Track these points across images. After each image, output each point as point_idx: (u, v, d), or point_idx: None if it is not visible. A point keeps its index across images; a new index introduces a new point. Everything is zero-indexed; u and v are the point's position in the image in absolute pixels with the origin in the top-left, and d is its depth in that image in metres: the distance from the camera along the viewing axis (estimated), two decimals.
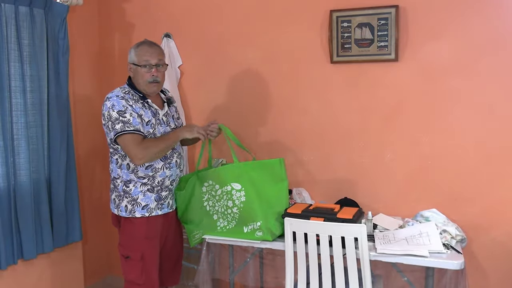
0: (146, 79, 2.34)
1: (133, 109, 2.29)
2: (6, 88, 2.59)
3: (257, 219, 2.36)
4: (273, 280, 2.92)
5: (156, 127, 2.36)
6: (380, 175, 2.77)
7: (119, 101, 2.27)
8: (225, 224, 2.47)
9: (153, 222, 2.41)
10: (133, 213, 2.38)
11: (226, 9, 3.03)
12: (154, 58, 2.35)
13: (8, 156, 2.61)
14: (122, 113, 2.26)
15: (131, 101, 2.31)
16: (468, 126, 2.57)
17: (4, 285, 2.67)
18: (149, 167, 2.36)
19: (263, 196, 2.39)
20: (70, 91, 3.01)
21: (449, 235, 2.31)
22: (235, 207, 2.41)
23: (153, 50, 2.37)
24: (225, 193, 2.43)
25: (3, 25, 2.56)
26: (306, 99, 2.89)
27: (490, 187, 2.55)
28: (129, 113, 2.27)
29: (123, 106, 2.27)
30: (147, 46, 2.38)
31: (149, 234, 2.40)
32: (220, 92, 3.10)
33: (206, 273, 2.57)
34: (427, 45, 2.60)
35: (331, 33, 2.74)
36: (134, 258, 2.38)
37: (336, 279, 2.18)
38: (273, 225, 2.38)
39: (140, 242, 2.39)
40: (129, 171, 2.36)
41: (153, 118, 2.36)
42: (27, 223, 2.71)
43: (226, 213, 2.45)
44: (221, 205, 2.46)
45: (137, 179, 2.36)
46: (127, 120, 2.26)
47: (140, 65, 2.33)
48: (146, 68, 2.33)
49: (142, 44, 2.40)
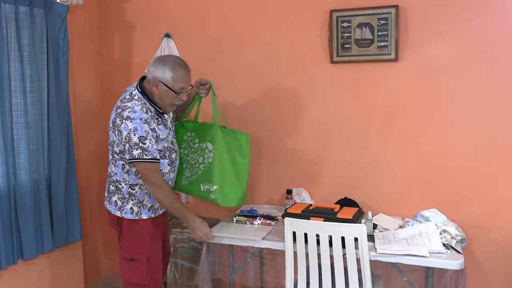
0: (174, 102, 2.32)
1: (153, 132, 2.24)
2: (6, 88, 2.59)
3: (214, 182, 2.46)
4: (273, 280, 2.92)
5: (170, 137, 2.40)
6: (380, 175, 2.77)
7: (142, 126, 2.19)
8: (188, 175, 2.58)
9: (158, 223, 2.45)
10: (139, 215, 2.36)
11: (226, 9, 3.03)
12: (188, 84, 2.33)
13: (8, 156, 2.61)
14: (143, 139, 2.19)
15: (151, 121, 2.25)
16: (468, 126, 2.57)
17: (4, 285, 2.67)
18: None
19: (227, 164, 2.50)
20: (70, 91, 3.01)
21: (449, 235, 2.31)
22: (202, 164, 2.53)
23: (189, 77, 2.33)
24: (200, 149, 2.56)
25: (3, 25, 2.56)
26: (306, 99, 2.89)
27: (490, 187, 2.55)
28: (149, 140, 2.20)
29: (145, 132, 2.20)
30: (185, 73, 2.30)
31: (155, 235, 2.41)
32: (220, 92, 3.09)
33: (206, 273, 2.57)
34: (427, 45, 2.60)
35: (331, 33, 2.74)
36: (140, 260, 2.35)
37: (336, 279, 2.18)
38: (229, 193, 2.48)
39: (146, 243, 2.37)
40: (137, 176, 2.33)
41: (166, 130, 2.36)
42: (27, 223, 2.71)
43: (193, 167, 2.56)
44: (193, 157, 2.58)
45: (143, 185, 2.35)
46: (146, 147, 2.20)
47: (175, 91, 2.28)
48: (180, 95, 2.31)
49: (179, 68, 2.28)
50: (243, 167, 2.57)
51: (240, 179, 2.54)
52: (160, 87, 2.28)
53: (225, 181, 2.47)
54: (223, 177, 2.47)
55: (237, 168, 2.53)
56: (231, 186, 2.49)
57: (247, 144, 2.62)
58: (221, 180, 2.47)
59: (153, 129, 2.25)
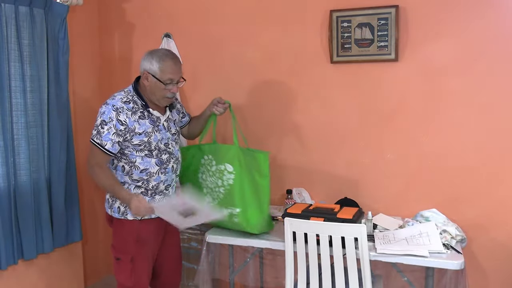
0: (164, 95, 2.31)
1: (120, 123, 2.23)
2: (6, 88, 2.59)
3: (237, 205, 2.39)
4: (273, 280, 2.92)
5: (153, 134, 2.32)
6: (380, 175, 2.77)
7: (110, 112, 2.24)
8: (210, 200, 2.51)
9: (145, 226, 2.37)
10: (125, 215, 2.34)
11: (226, 9, 3.03)
12: (177, 75, 2.31)
13: (8, 156, 2.61)
14: (104, 124, 2.24)
15: (127, 112, 2.26)
16: (468, 126, 2.57)
17: (4, 285, 2.67)
18: (144, 171, 2.32)
19: (249, 186, 2.41)
20: (70, 91, 3.01)
21: (449, 235, 2.31)
22: (222, 187, 2.45)
23: (177, 68, 2.32)
24: (219, 171, 2.46)
25: (3, 25, 2.56)
26: (306, 99, 2.89)
27: (490, 187, 2.55)
28: (108, 127, 2.23)
29: (109, 118, 2.23)
30: (172, 63, 2.30)
31: (140, 238, 2.36)
32: (220, 92, 3.08)
33: (206, 273, 2.58)
34: (427, 45, 2.60)
35: (331, 33, 2.74)
36: (124, 260, 2.36)
37: (336, 279, 2.18)
38: (252, 216, 2.40)
39: (131, 245, 2.35)
40: (124, 173, 2.33)
41: (151, 126, 2.31)
42: (27, 223, 2.71)
43: (214, 190, 2.49)
44: (212, 181, 2.50)
45: (131, 181, 2.33)
46: (102, 132, 2.23)
47: (163, 82, 2.28)
48: (169, 86, 2.29)
49: (166, 58, 2.29)
50: (263, 187, 2.46)
51: (261, 201, 2.44)
52: (150, 79, 2.29)
53: (247, 203, 2.39)
54: (244, 199, 2.39)
55: (257, 189, 2.44)
56: (253, 209, 2.39)
57: (265, 163, 2.49)
58: (243, 202, 2.39)
59: (122, 120, 2.24)
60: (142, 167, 2.31)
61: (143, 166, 2.31)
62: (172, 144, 2.42)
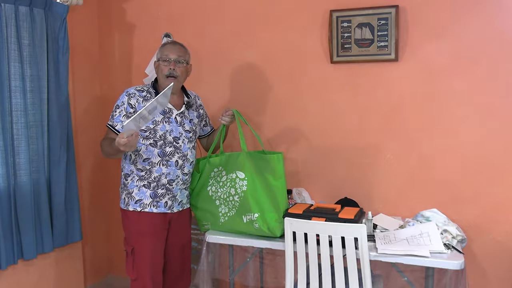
0: (164, 73, 2.42)
1: (130, 106, 2.38)
2: (6, 88, 2.59)
3: (254, 210, 2.37)
4: (273, 280, 2.92)
5: (161, 124, 2.40)
6: (380, 175, 2.77)
7: (123, 97, 2.42)
8: (226, 210, 2.48)
9: (145, 219, 2.42)
10: (127, 206, 2.43)
11: (226, 9, 3.03)
12: (174, 53, 2.43)
13: (8, 156, 2.61)
14: (117, 107, 2.41)
15: (139, 98, 2.41)
16: (468, 126, 2.57)
17: (4, 285, 2.67)
18: (146, 160, 2.39)
19: (263, 189, 2.39)
20: (70, 91, 3.01)
21: (450, 235, 2.31)
22: (237, 195, 2.42)
23: (175, 47, 2.46)
24: (230, 180, 2.45)
25: (3, 25, 2.56)
26: (306, 99, 2.89)
27: (490, 187, 2.55)
28: (120, 110, 2.39)
29: (122, 102, 2.40)
30: (171, 44, 2.50)
31: (140, 230, 2.41)
32: (220, 92, 3.10)
33: (206, 273, 2.57)
34: (427, 45, 2.60)
35: (331, 33, 2.74)
36: (128, 252, 2.44)
37: (336, 279, 2.18)
38: (271, 219, 2.37)
39: (132, 236, 2.43)
40: (130, 162, 2.43)
41: (160, 115, 2.41)
42: (27, 223, 2.71)
43: (227, 200, 2.47)
44: (224, 191, 2.48)
45: (136, 170, 2.41)
46: (114, 114, 2.40)
47: (160, 60, 2.43)
48: (166, 62, 2.41)
49: (167, 42, 2.55)
50: (279, 189, 2.45)
51: (278, 203, 2.42)
52: (156, 65, 2.48)
53: (263, 207, 2.37)
54: (260, 204, 2.37)
55: (272, 191, 2.43)
56: (270, 212, 2.37)
57: (280, 164, 2.49)
58: (259, 207, 2.37)
59: (132, 104, 2.39)
60: (145, 156, 2.39)
61: (146, 155, 2.39)
62: (183, 140, 2.46)
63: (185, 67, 2.47)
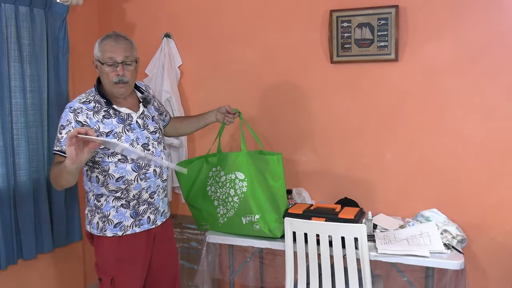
0: (111, 79, 2.02)
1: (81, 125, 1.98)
2: (6, 88, 2.59)
3: (255, 211, 2.35)
4: (273, 280, 2.92)
5: (124, 134, 2.05)
6: (380, 175, 2.77)
7: (67, 114, 1.99)
8: (224, 212, 2.46)
9: (127, 242, 2.10)
10: (104, 231, 2.08)
11: (226, 9, 3.03)
12: (119, 54, 2.01)
13: (8, 156, 2.61)
14: (61, 128, 1.98)
15: (88, 111, 2.01)
16: (468, 126, 2.57)
17: (4, 285, 2.67)
18: (120, 179, 2.04)
19: (263, 190, 2.37)
20: (70, 91, 3.01)
21: (450, 235, 2.31)
22: (236, 196, 2.39)
23: (119, 46, 2.02)
24: (229, 180, 2.41)
25: (3, 25, 2.56)
26: (306, 99, 2.89)
27: (490, 187, 2.55)
28: (66, 131, 1.97)
29: (67, 121, 1.98)
30: (113, 41, 2.03)
31: (121, 256, 2.09)
32: (220, 92, 3.10)
33: (206, 273, 2.57)
34: (427, 45, 2.60)
35: (331, 33, 2.74)
36: (104, 282, 2.09)
37: (336, 279, 2.18)
38: (271, 220, 2.36)
39: (111, 264, 2.09)
40: (99, 184, 2.06)
41: (120, 125, 2.05)
42: (27, 223, 2.71)
43: (226, 201, 2.44)
44: (223, 192, 2.45)
45: (108, 192, 2.07)
46: (60, 137, 1.98)
47: (104, 63, 2.02)
48: (111, 67, 2.01)
49: (107, 37, 2.05)
50: (278, 190, 2.42)
51: (278, 204, 2.40)
52: (98, 67, 2.06)
53: (263, 208, 2.35)
54: (261, 205, 2.35)
55: (272, 192, 2.40)
56: (271, 213, 2.35)
57: (278, 165, 2.45)
58: (260, 208, 2.34)
59: (82, 121, 1.98)
60: (117, 175, 2.03)
61: (118, 174, 2.03)
62: (153, 145, 2.13)
63: (134, 66, 2.08)
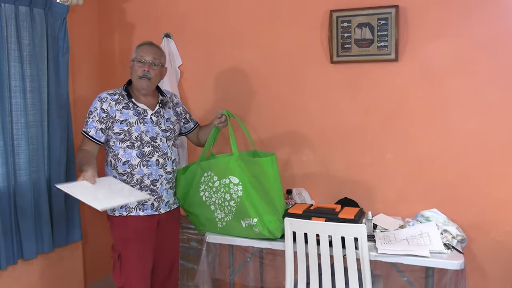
0: (137, 74, 2.40)
1: (103, 111, 2.37)
2: (6, 88, 2.58)
3: (252, 215, 2.34)
4: (273, 280, 2.92)
5: (136, 125, 2.38)
6: (380, 175, 2.77)
7: (95, 102, 2.40)
8: (222, 216, 2.45)
9: (132, 223, 2.38)
10: (113, 211, 2.41)
11: (226, 9, 3.03)
12: (149, 55, 2.42)
13: (8, 156, 2.60)
14: (90, 113, 2.40)
15: (111, 101, 2.39)
16: (468, 126, 2.57)
17: (4, 285, 2.67)
18: (126, 163, 2.37)
19: (259, 193, 2.35)
20: (70, 91, 3.01)
21: (450, 235, 2.31)
22: (232, 201, 2.37)
23: (151, 49, 2.44)
24: (223, 185, 2.39)
25: (3, 25, 2.56)
26: (306, 99, 2.89)
27: (490, 187, 2.56)
28: (93, 116, 2.38)
29: (94, 108, 2.39)
30: (147, 46, 2.46)
31: (127, 235, 2.38)
32: (220, 92, 3.10)
33: (206, 273, 2.57)
34: (427, 45, 2.60)
35: (331, 33, 2.74)
36: (114, 259, 2.41)
37: (336, 279, 2.18)
38: (270, 222, 2.35)
39: (118, 242, 2.41)
40: (111, 167, 2.41)
41: (134, 117, 2.39)
42: (27, 223, 2.70)
43: (223, 205, 2.42)
44: (218, 197, 2.43)
45: (118, 175, 2.38)
46: (87, 121, 2.39)
47: (135, 60, 2.42)
48: (140, 64, 2.40)
49: (144, 43, 2.49)
50: (274, 191, 2.44)
51: (275, 205, 2.41)
52: (131, 66, 2.46)
53: (261, 211, 2.34)
54: (257, 208, 2.34)
55: (268, 194, 2.41)
56: (269, 215, 2.35)
57: (273, 166, 2.46)
58: (257, 211, 2.33)
59: (105, 108, 2.37)
60: (124, 159, 2.37)
61: (125, 158, 2.37)
62: (161, 140, 2.42)
63: (159, 69, 2.45)
